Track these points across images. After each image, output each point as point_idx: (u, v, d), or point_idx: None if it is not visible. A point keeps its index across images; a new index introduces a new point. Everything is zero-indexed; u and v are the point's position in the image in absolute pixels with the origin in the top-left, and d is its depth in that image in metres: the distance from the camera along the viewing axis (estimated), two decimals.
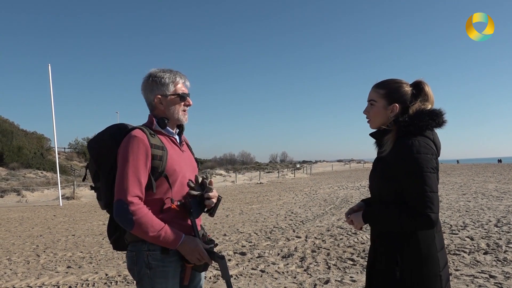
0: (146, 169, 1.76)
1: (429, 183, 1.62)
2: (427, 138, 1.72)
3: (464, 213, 9.06)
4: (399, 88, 1.83)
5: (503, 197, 11.99)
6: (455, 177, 24.14)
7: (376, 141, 1.90)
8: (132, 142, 1.77)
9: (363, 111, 1.93)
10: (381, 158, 1.81)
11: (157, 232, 1.71)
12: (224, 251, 6.32)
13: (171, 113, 1.91)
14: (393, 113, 1.82)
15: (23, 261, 6.32)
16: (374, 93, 1.88)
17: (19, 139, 38.19)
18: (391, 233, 1.73)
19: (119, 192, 1.72)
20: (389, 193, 1.74)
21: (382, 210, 1.75)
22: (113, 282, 4.86)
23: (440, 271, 1.70)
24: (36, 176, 32.38)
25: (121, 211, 1.70)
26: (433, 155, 1.69)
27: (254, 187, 25.78)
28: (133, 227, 1.70)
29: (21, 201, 19.82)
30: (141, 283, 1.81)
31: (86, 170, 1.99)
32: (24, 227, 10.49)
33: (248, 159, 79.01)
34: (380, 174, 1.79)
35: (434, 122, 1.75)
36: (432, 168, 1.66)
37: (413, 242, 1.68)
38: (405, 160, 1.66)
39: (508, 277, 4.28)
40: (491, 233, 6.67)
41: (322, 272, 4.90)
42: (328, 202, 13.39)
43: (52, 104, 18.32)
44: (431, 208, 1.60)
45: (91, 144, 1.90)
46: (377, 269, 1.80)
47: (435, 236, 1.72)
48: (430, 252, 1.69)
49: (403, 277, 1.68)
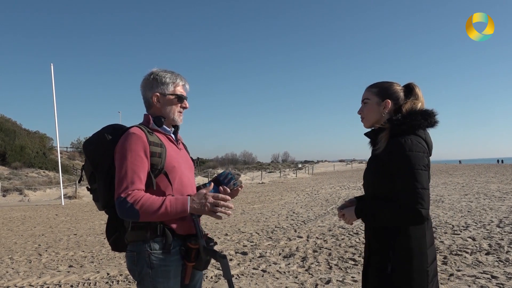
0: (145, 165, 1.76)
1: (421, 180, 1.68)
2: (419, 137, 1.79)
3: (466, 214, 9.04)
4: (390, 86, 1.93)
5: (505, 198, 11.95)
6: (457, 178, 24.08)
7: (370, 140, 1.97)
8: (130, 139, 1.76)
9: (357, 111, 2.01)
10: (375, 156, 1.87)
11: (161, 205, 1.69)
12: (225, 250, 6.32)
13: (167, 113, 1.92)
14: (385, 109, 1.89)
15: (25, 260, 6.33)
16: (367, 92, 1.97)
17: (22, 138, 38.30)
18: (384, 230, 1.79)
19: (118, 189, 1.72)
20: (382, 190, 1.79)
21: (374, 205, 1.81)
22: (115, 282, 4.86)
23: (428, 267, 1.76)
24: (38, 175, 32.48)
25: (123, 207, 1.69)
26: (425, 153, 1.75)
27: (256, 187, 25.78)
28: (140, 215, 1.68)
29: (23, 200, 19.90)
30: (142, 283, 1.80)
31: (82, 171, 1.97)
32: (26, 226, 10.52)
33: (250, 159, 79.03)
34: (374, 172, 1.85)
35: (426, 122, 1.82)
36: (424, 165, 1.72)
37: (405, 238, 1.74)
38: (398, 158, 1.72)
39: (510, 278, 4.26)
40: (493, 233, 6.65)
41: (324, 272, 4.89)
42: (330, 202, 13.37)
43: (54, 103, 18.40)
44: (422, 204, 1.65)
45: (86, 145, 1.89)
46: (371, 265, 1.86)
47: (426, 233, 1.78)
48: (420, 249, 1.75)
49: (393, 271, 1.74)
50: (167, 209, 1.69)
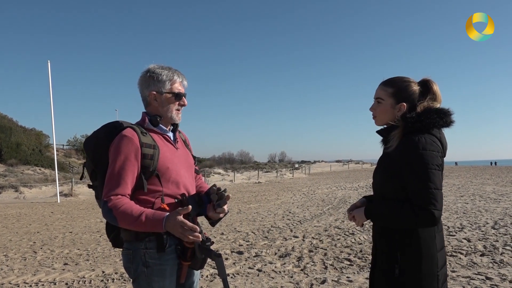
0: (135, 169, 1.75)
1: (434, 180, 1.60)
2: (434, 136, 1.70)
3: (462, 215, 9.08)
4: (407, 87, 1.80)
5: (500, 200, 12.02)
6: (453, 179, 24.17)
7: (382, 139, 1.88)
8: (120, 142, 1.76)
9: (370, 108, 1.90)
10: (386, 154, 1.78)
11: (138, 217, 1.65)
12: (221, 250, 6.32)
13: (165, 111, 1.89)
14: (400, 112, 1.79)
15: (20, 258, 6.31)
16: (381, 91, 1.85)
17: (18, 135, 38.11)
18: (392, 231, 1.72)
19: (104, 192, 1.73)
20: (392, 189, 1.72)
21: (384, 205, 1.73)
22: (110, 280, 4.85)
23: (438, 271, 1.68)
24: (34, 172, 32.31)
25: (104, 210, 1.71)
26: (438, 152, 1.67)
27: (252, 186, 25.78)
28: (117, 221, 1.69)
29: (19, 198, 19.80)
30: (137, 282, 1.80)
31: (83, 168, 1.98)
32: (21, 224, 10.47)
33: (247, 158, 78.94)
34: (384, 170, 1.77)
35: (441, 121, 1.72)
36: (438, 165, 1.64)
37: (414, 240, 1.67)
38: (411, 156, 1.64)
39: (504, 279, 4.29)
40: (488, 235, 6.69)
41: (319, 272, 4.90)
42: (326, 202, 13.39)
43: (51, 100, 18.33)
44: (435, 204, 1.58)
45: (87, 143, 1.90)
46: (378, 267, 1.79)
47: (436, 236, 1.71)
48: (430, 251, 1.67)
49: (402, 274, 1.67)
50: (142, 222, 1.66)
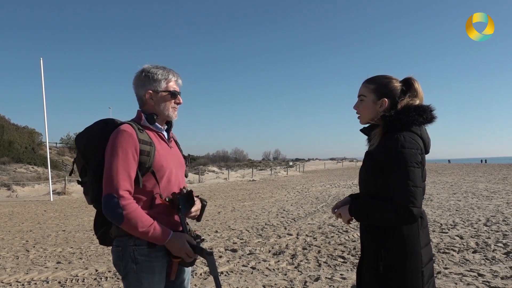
0: (135, 164, 1.76)
1: (413, 178, 1.63)
2: (414, 134, 1.73)
3: (454, 212, 9.14)
4: (388, 83, 1.84)
5: (493, 197, 12.12)
6: (446, 177, 24.35)
7: (368, 137, 1.92)
8: (121, 136, 1.76)
9: (353, 106, 1.94)
10: (368, 152, 1.83)
11: (146, 228, 1.70)
12: (215, 247, 6.31)
13: (161, 110, 1.91)
14: (382, 108, 1.82)
15: (12, 256, 6.26)
16: (364, 88, 1.89)
17: (10, 133, 37.77)
18: (376, 228, 1.75)
19: (108, 186, 1.71)
20: (375, 187, 1.76)
21: (367, 203, 1.77)
22: (103, 278, 4.83)
23: (423, 267, 1.71)
24: (27, 171, 32.07)
25: (111, 205, 1.69)
26: (418, 149, 1.68)
27: (246, 184, 25.77)
28: (123, 221, 1.68)
29: (11, 196, 19.64)
30: (127, 278, 1.80)
31: (73, 164, 1.98)
32: (14, 222, 10.39)
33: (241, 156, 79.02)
34: (368, 168, 1.81)
35: (421, 118, 1.74)
36: (417, 162, 1.66)
37: (397, 237, 1.70)
38: (390, 154, 1.67)
39: (496, 276, 4.33)
40: (481, 232, 6.74)
41: (313, 269, 4.91)
42: (320, 200, 13.43)
43: (44, 98, 18.14)
44: (414, 202, 1.60)
45: (79, 139, 1.90)
46: (365, 264, 1.82)
47: (419, 233, 1.73)
48: (413, 249, 1.70)
49: (386, 271, 1.70)
50: (148, 234, 1.72)
